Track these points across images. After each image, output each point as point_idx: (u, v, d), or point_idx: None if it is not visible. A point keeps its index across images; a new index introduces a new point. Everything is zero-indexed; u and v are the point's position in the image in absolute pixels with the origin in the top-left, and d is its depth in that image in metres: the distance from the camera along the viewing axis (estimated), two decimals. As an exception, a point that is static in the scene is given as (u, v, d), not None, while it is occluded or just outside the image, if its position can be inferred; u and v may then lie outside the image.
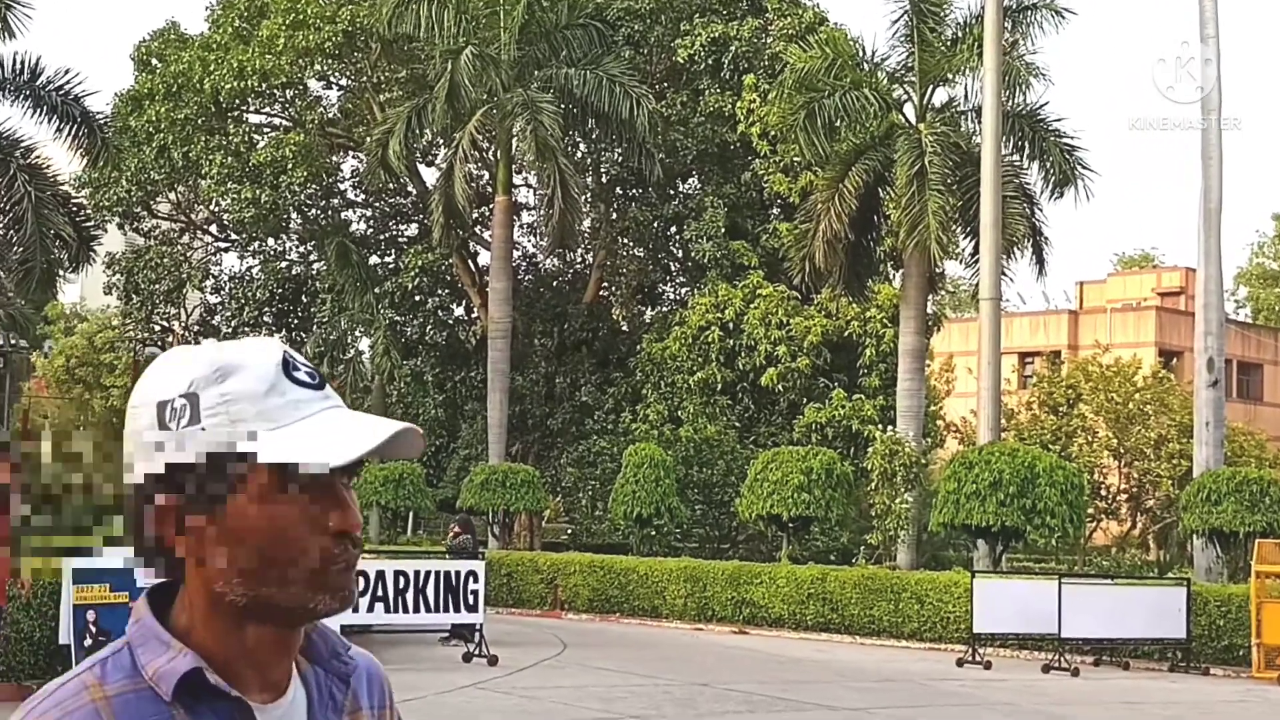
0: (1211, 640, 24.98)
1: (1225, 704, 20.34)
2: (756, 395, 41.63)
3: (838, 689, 20.46)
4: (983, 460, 28.01)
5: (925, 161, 32.75)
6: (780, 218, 42.73)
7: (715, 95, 42.71)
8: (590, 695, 18.81)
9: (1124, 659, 25.04)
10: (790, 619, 29.27)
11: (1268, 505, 27.00)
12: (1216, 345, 30.65)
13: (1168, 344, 62.33)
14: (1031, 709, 18.94)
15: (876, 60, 35.68)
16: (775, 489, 31.36)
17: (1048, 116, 34.91)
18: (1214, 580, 27.72)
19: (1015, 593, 25.29)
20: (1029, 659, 25.12)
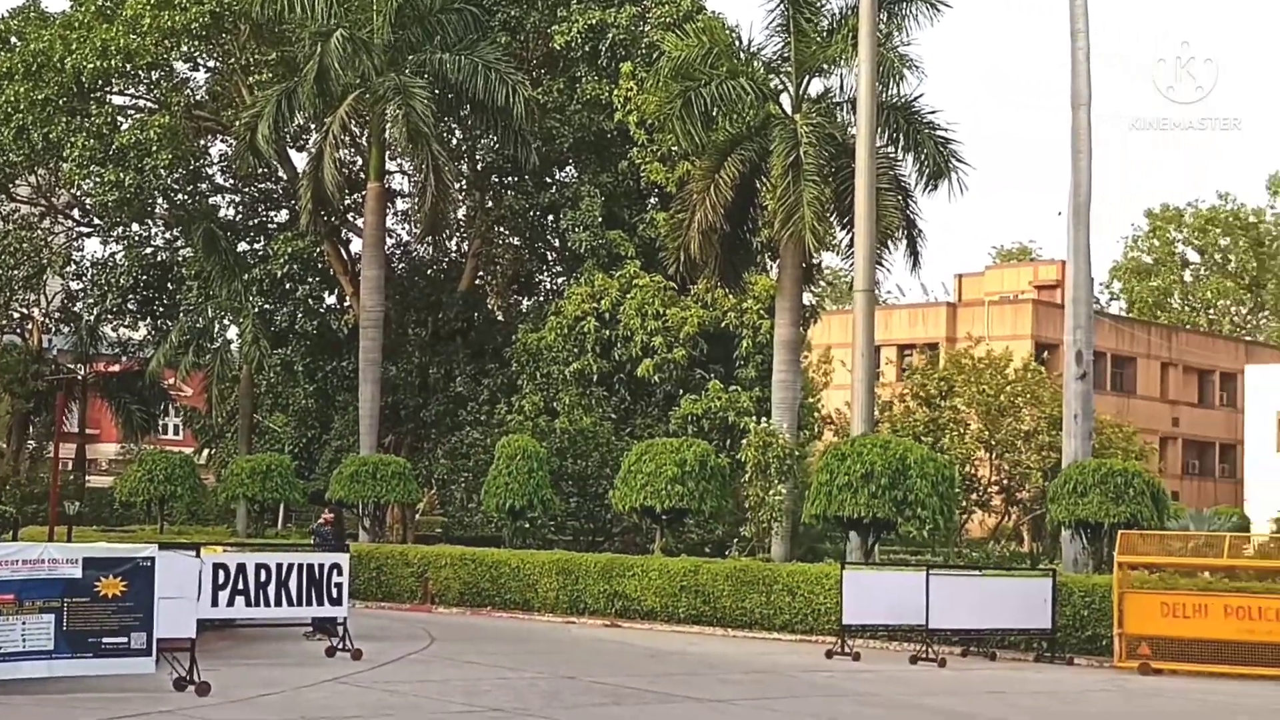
0: (1076, 630, 25.17)
1: (1087, 693, 20.46)
2: (633, 386, 41.40)
3: (707, 681, 20.30)
4: (855, 452, 28.00)
5: (801, 152, 32.66)
6: (657, 207, 42.54)
7: (592, 83, 42.39)
8: (455, 689, 18.49)
9: (991, 649, 25.14)
10: (663, 611, 29.09)
11: (1131, 497, 27.28)
12: (1085, 338, 30.90)
13: (1044, 337, 63.12)
14: (897, 700, 18.89)
15: (753, 50, 35.55)
16: (649, 481, 31.17)
17: (922, 109, 34.95)
18: (1080, 571, 27.94)
19: (884, 585, 25.29)
20: (898, 650, 25.16)
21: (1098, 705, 19.29)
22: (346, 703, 17.04)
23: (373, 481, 35.71)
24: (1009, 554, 40.63)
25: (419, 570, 32.62)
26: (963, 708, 18.29)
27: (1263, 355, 78.52)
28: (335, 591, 21.45)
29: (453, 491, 43.19)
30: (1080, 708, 18.87)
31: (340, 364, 44.85)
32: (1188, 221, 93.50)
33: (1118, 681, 22.04)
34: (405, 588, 32.72)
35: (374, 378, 39.98)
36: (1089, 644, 25.07)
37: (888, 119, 34.09)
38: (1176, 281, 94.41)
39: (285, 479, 38.22)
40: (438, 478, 43.79)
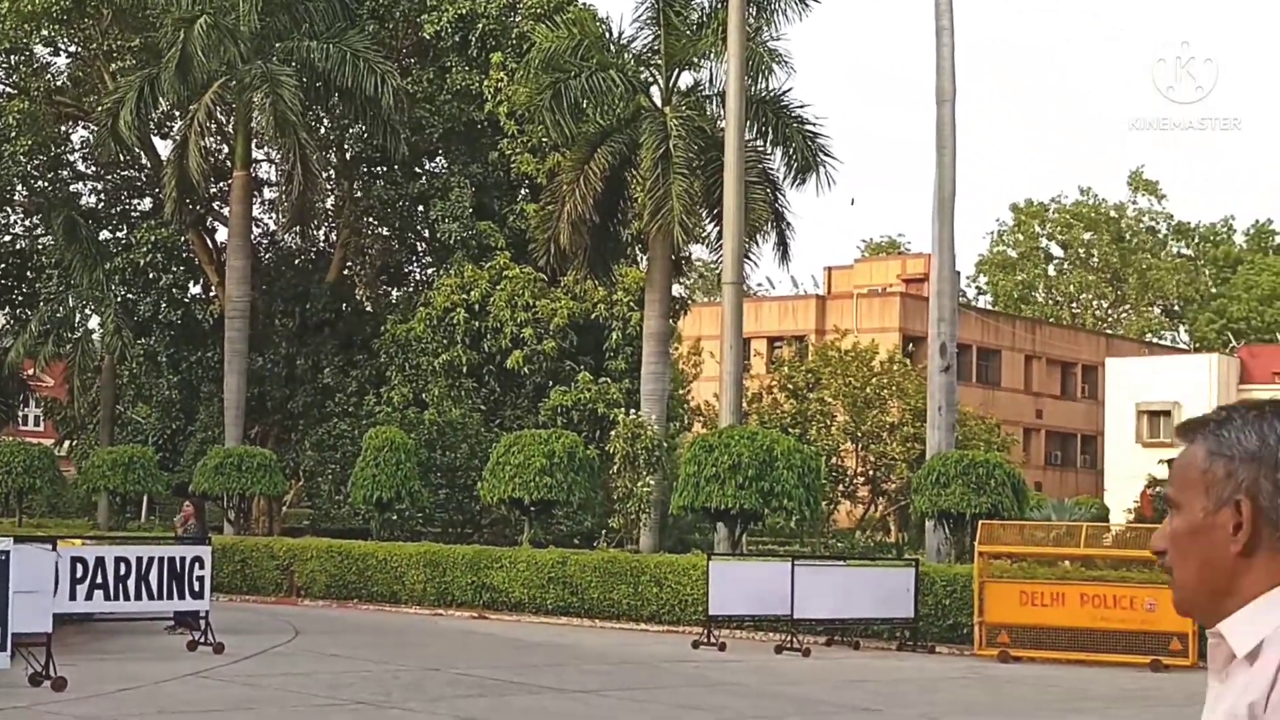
0: (939, 619, 25.55)
1: (947, 680, 20.78)
2: (502, 378, 41.32)
3: (573, 672, 20.32)
4: (722, 444, 28.17)
5: (670, 145, 32.81)
6: (528, 198, 42.47)
7: (462, 73, 42.21)
8: (318, 682, 18.33)
9: (855, 639, 25.44)
10: (530, 603, 29.07)
11: (993, 487, 27.72)
12: (949, 331, 31.35)
13: (911, 329, 63.87)
14: (761, 689, 19.05)
15: (624, 42, 35.68)
16: (518, 472, 31.10)
17: (791, 103, 35.31)
18: (943, 561, 28.36)
19: (751, 575, 25.49)
20: (763, 640, 25.35)
21: (955, 692, 19.60)
22: (207, 697, 16.84)
23: (238, 474, 35.28)
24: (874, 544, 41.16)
25: (284, 563, 32.30)
26: (825, 696, 18.49)
27: (1123, 348, 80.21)
28: (197, 585, 21.17)
29: (320, 484, 42.82)
30: (940, 695, 19.15)
31: (205, 355, 44.26)
32: (1052, 217, 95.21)
33: (977, 669, 22.41)
34: (270, 581, 32.38)
35: (240, 369, 39.51)
36: (950, 632, 25.46)
37: (757, 113, 34.35)
38: (1040, 275, 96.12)
39: (148, 471, 37.63)
40: (305, 470, 43.39)
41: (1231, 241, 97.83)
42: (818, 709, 17.34)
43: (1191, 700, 19.12)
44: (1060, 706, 18.32)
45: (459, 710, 16.17)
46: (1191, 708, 17.35)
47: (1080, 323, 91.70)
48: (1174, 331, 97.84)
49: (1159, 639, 23.55)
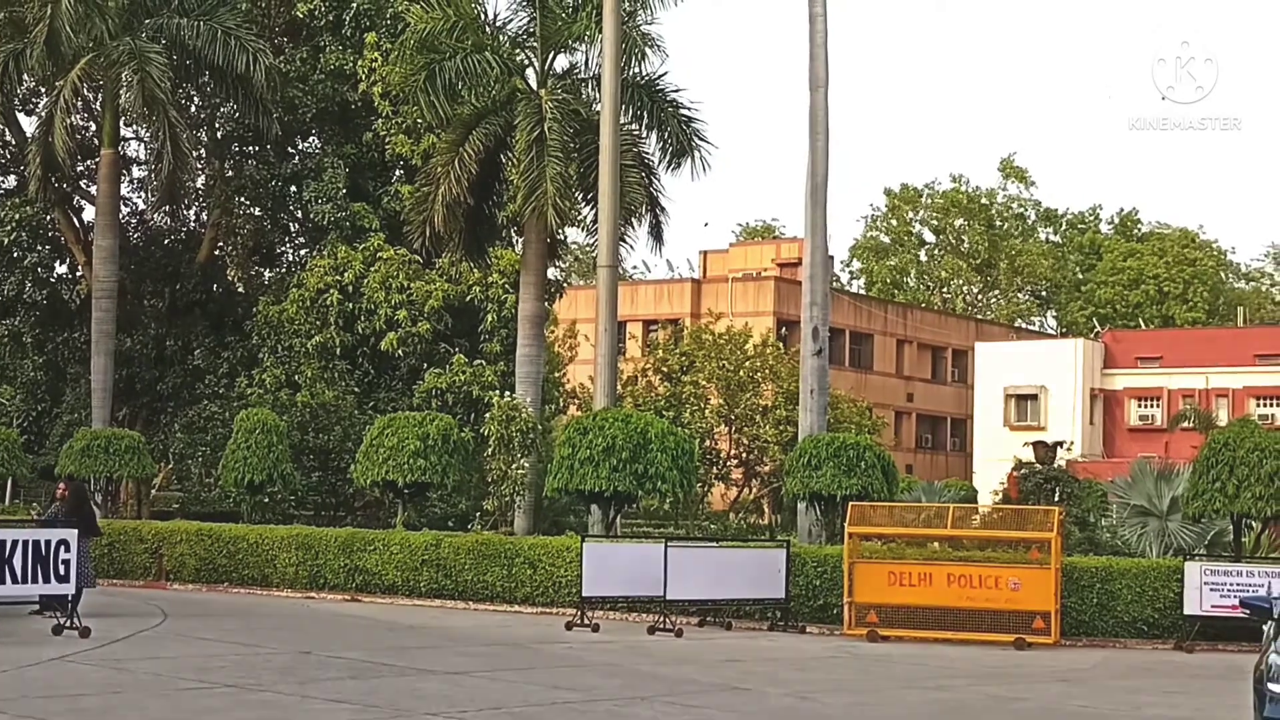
0: (809, 600, 25.89)
1: (817, 660, 21.07)
2: (376, 360, 41.09)
3: (445, 654, 20.32)
4: (597, 426, 28.24)
5: (545, 128, 32.80)
6: (403, 180, 42.24)
7: (336, 53, 41.84)
8: (187, 666, 18.15)
9: (727, 619, 25.68)
10: (404, 586, 28.99)
11: (863, 470, 28.06)
12: (821, 315, 31.67)
13: (786, 313, 64.41)
14: (634, 669, 19.18)
15: (499, 24, 35.60)
16: (391, 455, 30.96)
17: (666, 87, 35.46)
18: (814, 542, 28.70)
19: (624, 557, 25.62)
20: (637, 621, 25.51)
21: (826, 671, 19.87)
22: (72, 681, 16.61)
23: (105, 456, 34.70)
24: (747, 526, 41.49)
25: (153, 546, 31.89)
26: (698, 676, 18.66)
27: (992, 333, 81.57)
28: (63, 568, 20.85)
29: (190, 466, 42.31)
30: (809, 674, 19.41)
31: (72, 335, 43.50)
32: (925, 203, 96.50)
33: (846, 648, 22.74)
34: (139, 564, 31.97)
35: (107, 350, 38.90)
36: (821, 613, 25.81)
37: (632, 97, 34.44)
38: (913, 261, 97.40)
39: (12, 453, 36.85)
40: (174, 452, 42.83)
41: (1098, 229, 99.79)
42: (689, 688, 17.50)
43: (1053, 676, 19.59)
44: (927, 684, 18.64)
45: (330, 693, 16.11)
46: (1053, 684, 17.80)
47: (951, 308, 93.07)
48: (1042, 317, 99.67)
49: (1023, 618, 24.06)
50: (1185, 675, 20.35)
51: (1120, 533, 31.72)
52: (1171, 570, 25.06)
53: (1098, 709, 16.73)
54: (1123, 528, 31.83)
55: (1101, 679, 19.72)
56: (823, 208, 31.65)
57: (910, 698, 17.34)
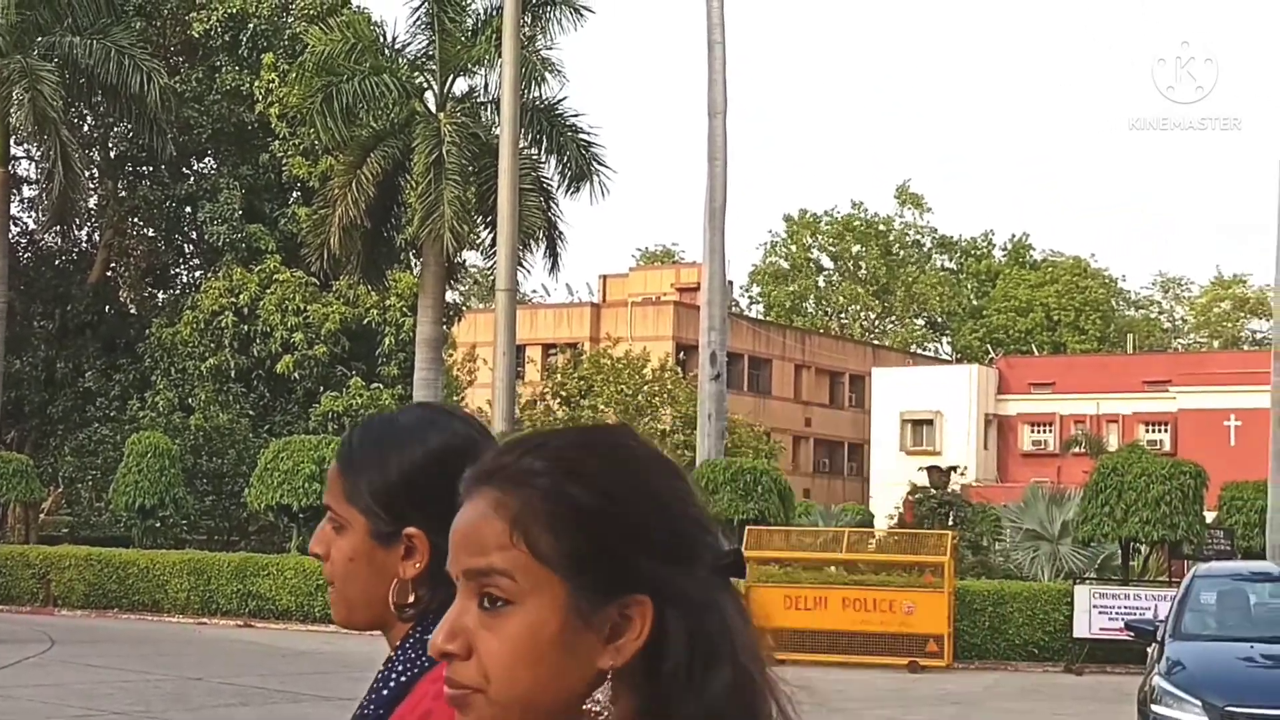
0: (706, 623, 25.86)
1: (713, 684, 21.09)
2: (272, 383, 40.71)
3: (339, 680, 20.12)
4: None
5: (444, 151, 32.71)
6: (300, 202, 41.92)
7: (233, 73, 41.50)
8: (73, 693, 17.85)
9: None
10: (298, 611, 28.71)
11: (760, 494, 28.22)
12: (720, 340, 31.80)
13: (685, 338, 64.52)
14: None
15: (398, 46, 35.46)
16: (286, 479, 30.69)
17: (566, 112, 35.52)
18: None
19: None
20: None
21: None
22: (-46, 711, 16.30)
23: (-8, 480, 34.07)
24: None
25: (41, 571, 31.35)
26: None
27: (889, 359, 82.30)
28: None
29: (80, 490, 41.64)
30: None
31: (-41, 357, 42.67)
32: (823, 229, 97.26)
33: (742, 671, 22.76)
34: (26, 590, 31.40)
35: (-5, 371, 38.23)
36: (717, 636, 25.78)
37: (532, 120, 34.45)
38: (812, 286, 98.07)
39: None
40: (64, 476, 42.14)
41: (991, 255, 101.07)
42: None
43: (946, 699, 19.77)
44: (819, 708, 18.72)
45: (220, 720, 15.94)
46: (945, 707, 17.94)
47: (849, 333, 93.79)
48: (937, 342, 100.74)
49: (917, 641, 24.27)
50: (1073, 697, 20.62)
51: (1013, 556, 32.13)
52: (1061, 594, 25.40)
53: (988, 731, 16.93)
54: (1015, 551, 32.26)
55: (993, 701, 19.94)
56: (721, 233, 31.81)
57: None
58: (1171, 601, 12.99)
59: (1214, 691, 10.99)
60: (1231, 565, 17.03)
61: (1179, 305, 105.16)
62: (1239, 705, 10.81)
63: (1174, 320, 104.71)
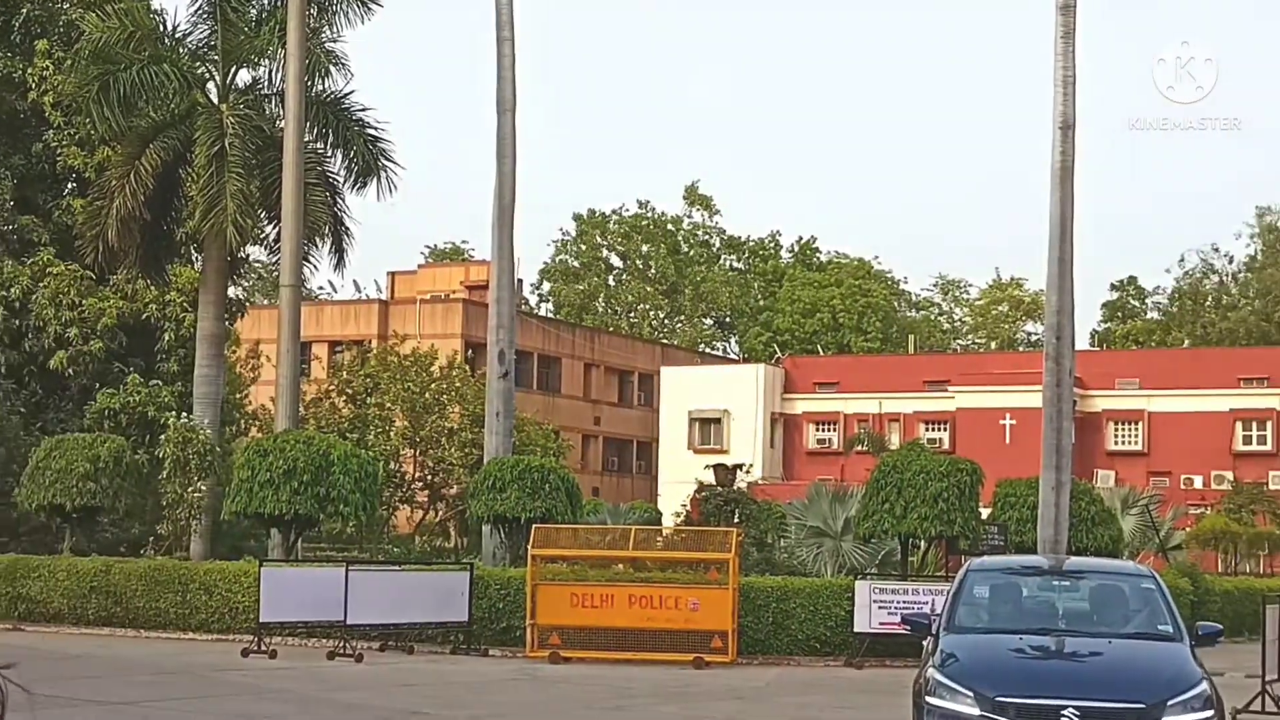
0: (493, 622, 25.85)
1: (498, 682, 21.02)
2: (45, 379, 39.41)
3: (111, 683, 19.59)
4: (278, 448, 27.70)
5: (226, 143, 32.07)
6: (75, 193, 40.64)
7: (4, 59, 40.05)
8: None
9: (410, 643, 25.43)
10: (71, 613, 27.85)
11: (548, 492, 28.23)
12: (508, 338, 31.72)
13: (474, 336, 64.24)
14: (311, 695, 18.82)
15: (179, 36, 34.67)
16: (59, 478, 29.81)
17: (352, 106, 35.05)
18: (499, 564, 28.67)
19: (304, 581, 25.15)
20: (317, 647, 25.06)
21: (507, 693, 19.83)
22: None
23: None
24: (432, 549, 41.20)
25: None
26: (376, 701, 18.41)
27: (677, 358, 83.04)
28: None
29: None
30: (490, 697, 19.35)
31: None
32: (612, 228, 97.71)
33: (528, 670, 22.76)
34: None
35: None
36: (504, 635, 25.79)
37: (317, 114, 33.95)
38: (601, 285, 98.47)
39: None
40: None
41: (779, 256, 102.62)
42: (367, 714, 17.25)
43: (729, 694, 19.96)
44: (606, 705, 18.78)
45: (-15, 728, 15.34)
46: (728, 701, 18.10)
47: (638, 332, 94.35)
48: (725, 342, 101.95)
49: (702, 637, 24.48)
50: (853, 690, 20.99)
51: (797, 553, 32.60)
52: (843, 589, 25.84)
53: (770, 725, 17.12)
54: (799, 548, 32.74)
55: (775, 696, 20.19)
56: (510, 230, 31.72)
57: (587, 718, 17.43)
58: (946, 596, 13.26)
59: (985, 682, 11.25)
60: (1003, 560, 17.47)
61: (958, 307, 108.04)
62: (1009, 695, 11.08)
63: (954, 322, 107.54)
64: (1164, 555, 38.75)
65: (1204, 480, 64.53)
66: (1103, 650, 11.91)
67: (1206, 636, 12.56)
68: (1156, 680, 11.32)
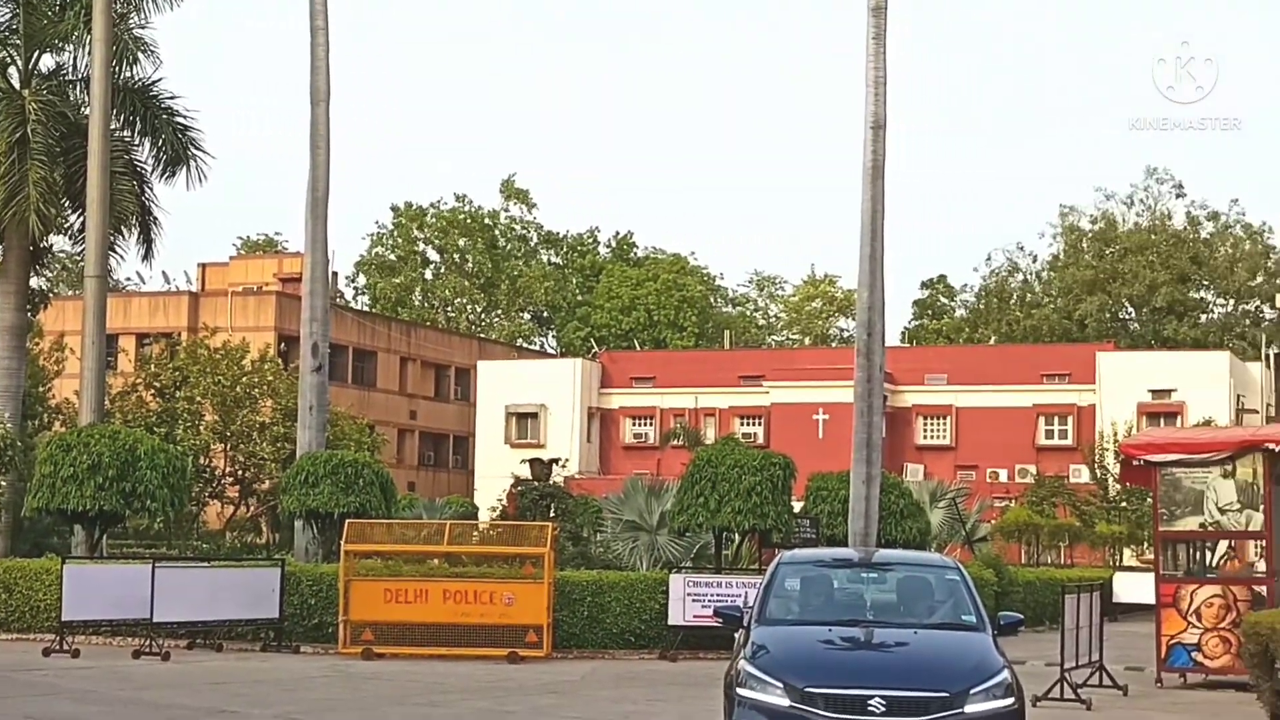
0: (304, 619, 25.55)
1: (309, 680, 20.76)
2: None
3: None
4: (82, 443, 26.98)
5: (29, 130, 31.25)
6: None
7: None
8: None
9: (219, 641, 25.01)
10: None
11: (361, 487, 27.99)
12: (321, 331, 31.34)
13: (287, 329, 63.37)
14: (115, 696, 18.39)
15: (-21, 18, 33.56)
16: None
17: (161, 94, 34.32)
18: (311, 560, 28.34)
19: (109, 579, 24.60)
20: (122, 645, 24.51)
21: (318, 691, 19.59)
22: None
23: None
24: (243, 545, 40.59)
25: None
26: (182, 700, 18.05)
27: (494, 352, 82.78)
28: None
29: None
30: (300, 694, 19.08)
31: None
32: (429, 221, 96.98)
33: (340, 667, 22.52)
34: None
35: None
36: (316, 632, 25.50)
37: (125, 101, 33.19)
38: (418, 279, 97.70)
39: None
40: None
41: (596, 251, 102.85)
42: (173, 713, 16.90)
43: (543, 689, 19.97)
44: (418, 700, 18.65)
45: None
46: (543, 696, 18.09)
47: (455, 326, 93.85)
48: (543, 337, 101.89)
49: (517, 632, 24.46)
50: (667, 683, 21.13)
51: (612, 547, 32.75)
52: (658, 583, 26.02)
53: (583, 718, 17.14)
54: (615, 542, 32.89)
55: (589, 689, 20.23)
56: (324, 222, 31.35)
57: (400, 714, 17.30)
58: (758, 589, 13.41)
59: (794, 673, 11.39)
60: (814, 552, 17.73)
61: (774, 303, 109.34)
62: (817, 686, 11.23)
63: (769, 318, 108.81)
64: (970, 547, 39.71)
65: (1009, 474, 66.18)
66: (909, 641, 12.14)
67: (1008, 626, 12.89)
68: (960, 669, 11.57)
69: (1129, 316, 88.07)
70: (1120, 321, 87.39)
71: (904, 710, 11.10)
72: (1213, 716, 18.35)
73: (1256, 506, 21.59)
